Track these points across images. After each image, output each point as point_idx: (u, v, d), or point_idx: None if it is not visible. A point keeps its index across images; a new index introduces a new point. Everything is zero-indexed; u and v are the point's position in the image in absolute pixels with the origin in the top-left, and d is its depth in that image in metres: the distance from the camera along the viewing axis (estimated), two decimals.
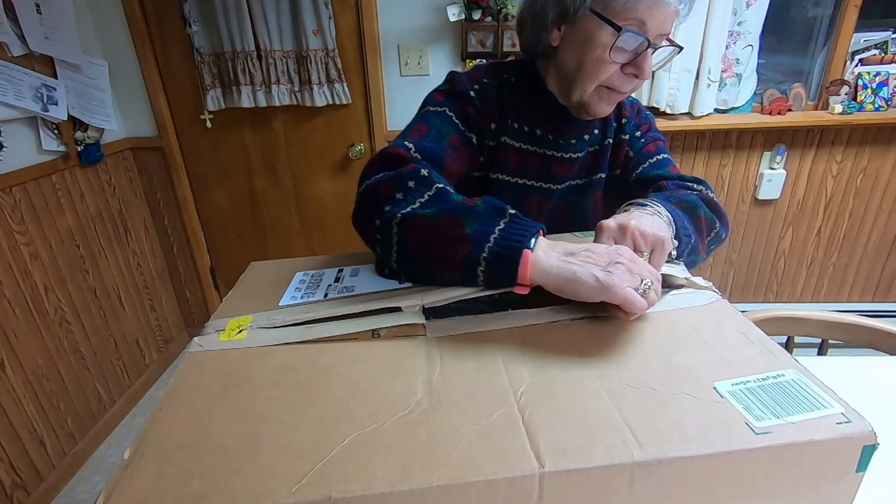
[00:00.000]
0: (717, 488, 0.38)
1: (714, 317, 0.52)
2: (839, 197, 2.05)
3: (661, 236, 0.54)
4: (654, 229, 0.55)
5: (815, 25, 1.97)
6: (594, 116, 0.76)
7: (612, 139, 0.83)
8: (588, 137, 0.82)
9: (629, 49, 0.67)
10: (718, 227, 0.72)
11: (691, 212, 0.66)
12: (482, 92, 0.76)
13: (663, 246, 0.55)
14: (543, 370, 0.45)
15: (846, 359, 0.89)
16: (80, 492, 1.71)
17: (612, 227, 0.56)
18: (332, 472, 0.36)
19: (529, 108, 0.78)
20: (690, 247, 0.63)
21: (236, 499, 0.35)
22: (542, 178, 0.81)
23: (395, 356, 0.49)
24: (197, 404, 0.44)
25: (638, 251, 0.54)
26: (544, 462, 0.36)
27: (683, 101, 1.86)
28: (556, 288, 0.50)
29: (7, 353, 1.53)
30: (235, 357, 0.50)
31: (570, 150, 0.80)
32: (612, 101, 0.74)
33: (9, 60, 1.51)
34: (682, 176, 0.78)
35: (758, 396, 0.41)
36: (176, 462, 0.38)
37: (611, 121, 0.83)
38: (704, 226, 0.68)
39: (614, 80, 0.70)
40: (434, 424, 0.40)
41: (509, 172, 0.79)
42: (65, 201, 1.75)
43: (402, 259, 0.56)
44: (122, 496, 0.36)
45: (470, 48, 1.82)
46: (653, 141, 0.84)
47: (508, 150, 0.78)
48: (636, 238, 0.54)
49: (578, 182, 0.84)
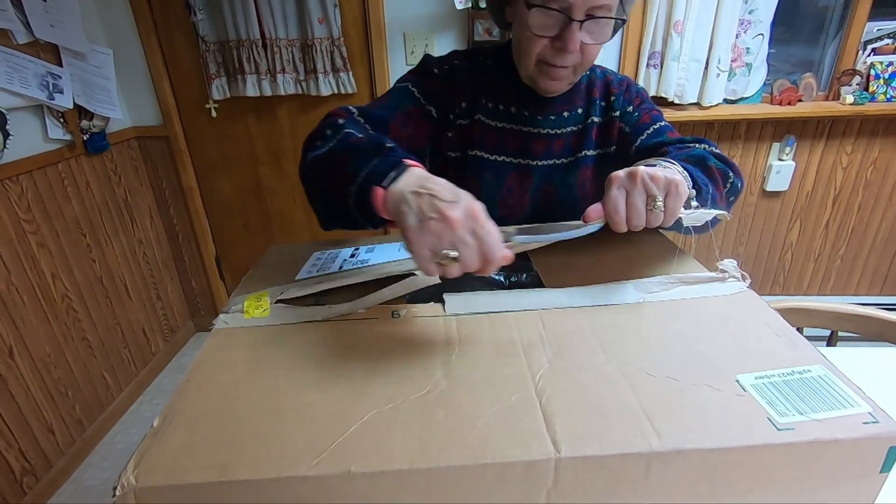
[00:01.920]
0: (735, 482, 0.37)
1: (740, 307, 0.51)
2: (848, 189, 2.03)
3: (673, 178, 0.51)
4: (665, 173, 0.51)
5: (826, 15, 1.95)
6: (545, 93, 0.78)
7: (598, 117, 0.83)
8: (568, 115, 0.83)
9: (550, 24, 0.69)
10: (732, 176, 0.70)
11: (701, 164, 0.64)
12: (451, 72, 0.80)
13: (678, 188, 0.51)
14: (562, 355, 0.45)
15: (855, 350, 0.89)
16: (88, 478, 1.73)
17: (620, 176, 0.52)
18: (352, 448, 0.37)
19: (505, 87, 0.81)
20: (710, 196, 0.61)
21: (260, 469, 0.35)
22: (521, 155, 0.83)
23: (414, 336, 0.49)
24: (222, 378, 0.45)
25: (651, 198, 0.50)
26: (561, 447, 0.36)
27: (692, 91, 1.84)
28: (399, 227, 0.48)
29: (15, 340, 1.54)
30: (259, 334, 0.51)
31: (548, 125, 0.82)
32: (555, 77, 0.75)
33: (14, 48, 1.50)
34: (681, 139, 0.77)
35: (782, 391, 0.40)
36: (202, 432, 0.39)
37: (596, 99, 0.84)
38: (718, 176, 0.66)
39: (546, 54, 0.72)
40: (452, 405, 0.40)
41: (487, 150, 0.82)
42: (71, 190, 1.75)
43: (315, 199, 0.59)
44: (151, 461, 0.37)
45: (476, 36, 1.80)
46: (647, 112, 0.83)
47: (485, 129, 0.81)
48: (646, 183, 0.50)
49: (564, 161, 0.84)
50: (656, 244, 0.69)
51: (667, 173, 0.51)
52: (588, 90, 0.84)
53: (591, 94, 0.84)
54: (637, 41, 1.84)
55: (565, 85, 0.78)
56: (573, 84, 0.80)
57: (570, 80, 0.77)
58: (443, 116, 0.80)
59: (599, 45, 0.72)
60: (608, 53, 1.87)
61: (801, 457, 0.37)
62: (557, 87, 0.77)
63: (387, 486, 0.36)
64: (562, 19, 0.67)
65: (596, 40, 0.71)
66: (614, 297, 0.53)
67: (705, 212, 0.54)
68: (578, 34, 0.68)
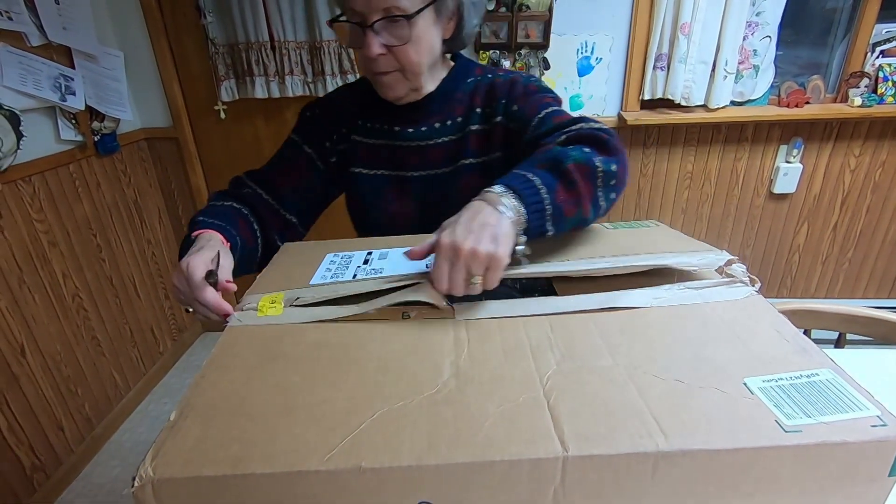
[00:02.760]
0: (742, 483, 0.37)
1: (748, 312, 0.51)
2: (857, 192, 2.02)
3: (495, 254, 0.51)
4: (487, 248, 0.51)
5: (834, 17, 1.94)
6: (392, 100, 0.80)
7: (477, 125, 0.83)
8: (441, 126, 0.84)
9: (355, 36, 0.73)
10: (600, 164, 0.63)
11: (555, 168, 0.61)
12: (329, 106, 0.89)
13: (498, 264, 0.52)
14: (570, 357, 0.46)
15: (864, 352, 0.89)
16: (97, 475, 1.75)
17: (446, 247, 0.52)
18: (362, 444, 0.37)
19: (379, 106, 0.84)
20: (551, 216, 0.59)
21: (273, 463, 0.36)
22: (396, 167, 0.86)
23: (423, 337, 0.49)
24: (236, 374, 0.46)
25: (472, 274, 0.52)
26: (568, 446, 0.36)
27: (699, 94, 1.84)
28: None
29: (27, 339, 1.56)
30: (271, 332, 0.52)
31: (421, 137, 0.84)
32: (383, 85, 0.77)
33: (28, 50, 1.52)
34: (560, 124, 0.72)
35: (789, 395, 0.40)
36: (217, 426, 0.40)
37: (476, 107, 0.83)
38: (578, 176, 0.61)
39: (365, 64, 0.75)
40: (460, 404, 0.41)
41: (365, 166, 0.87)
42: (82, 190, 1.77)
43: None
44: (167, 454, 0.38)
45: (484, 39, 1.81)
46: (534, 102, 0.79)
47: (362, 147, 0.86)
48: (468, 262, 0.51)
49: (443, 170, 0.85)
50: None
51: (492, 248, 0.51)
52: (471, 97, 0.84)
53: (473, 102, 0.83)
54: (644, 43, 1.84)
55: (403, 90, 0.79)
56: (418, 89, 0.80)
57: (408, 85, 0.78)
58: (321, 150, 0.87)
59: (410, 45, 0.72)
60: (616, 55, 1.87)
61: (808, 459, 0.37)
62: (391, 93, 0.78)
63: (396, 481, 0.36)
64: (359, 29, 0.71)
65: (399, 41, 0.72)
66: (622, 302, 0.53)
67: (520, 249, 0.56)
68: (375, 39, 0.71)
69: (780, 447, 0.36)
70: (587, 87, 1.93)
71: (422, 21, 0.72)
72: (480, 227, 0.53)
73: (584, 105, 1.95)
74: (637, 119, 1.87)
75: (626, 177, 0.67)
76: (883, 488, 0.38)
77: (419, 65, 0.76)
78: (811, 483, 0.38)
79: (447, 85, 0.84)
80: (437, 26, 0.76)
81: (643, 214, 2.13)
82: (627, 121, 1.87)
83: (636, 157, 2.03)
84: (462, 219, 0.54)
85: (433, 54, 0.78)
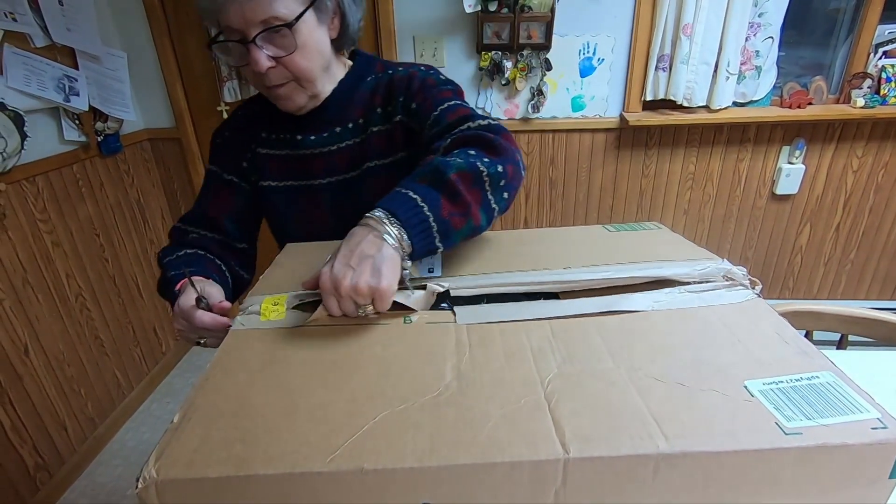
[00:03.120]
0: (742, 485, 0.37)
1: (748, 315, 0.51)
2: (859, 192, 2.02)
3: (378, 287, 0.51)
4: (367, 283, 0.51)
5: (837, 17, 1.94)
6: (293, 112, 0.79)
7: (378, 126, 0.81)
8: (342, 129, 0.82)
9: (239, 54, 0.71)
10: (484, 169, 0.61)
11: (438, 182, 0.58)
12: (232, 129, 0.88)
13: (382, 296, 0.51)
14: (571, 361, 0.46)
15: (865, 353, 0.89)
16: (99, 475, 1.75)
17: (327, 285, 0.52)
18: (365, 446, 0.38)
19: (280, 116, 0.82)
20: (439, 233, 0.57)
21: (275, 464, 0.37)
22: (304, 177, 0.84)
23: (425, 341, 0.50)
24: (239, 376, 0.46)
25: (358, 306, 0.52)
26: (569, 448, 0.36)
27: (701, 94, 1.84)
28: None
29: (30, 338, 1.57)
30: (274, 336, 0.52)
31: (323, 143, 0.82)
32: (280, 97, 0.76)
33: (32, 51, 1.53)
34: (451, 124, 0.71)
35: (790, 397, 0.40)
36: (220, 428, 0.40)
37: (375, 107, 0.81)
38: (461, 187, 0.59)
39: (256, 80, 0.74)
40: (462, 407, 0.41)
41: (274, 178, 0.86)
42: (85, 190, 1.78)
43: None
44: (171, 455, 0.38)
45: (485, 40, 1.82)
46: (430, 101, 0.77)
47: (269, 160, 0.85)
48: (352, 296, 0.51)
49: (351, 175, 0.83)
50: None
51: (372, 282, 0.51)
52: (371, 97, 0.82)
53: (373, 101, 0.81)
54: (646, 44, 1.84)
55: (301, 100, 0.77)
56: (317, 96, 0.79)
57: (305, 93, 0.77)
58: (240, 172, 0.86)
59: (298, 53, 0.70)
60: (618, 56, 1.88)
61: (808, 461, 0.37)
62: (292, 105, 0.77)
63: (398, 482, 0.36)
64: (241, 46, 0.69)
65: (286, 51, 0.70)
66: (623, 306, 0.53)
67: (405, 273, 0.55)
68: (261, 53, 0.68)
69: (781, 449, 0.36)
70: (589, 88, 1.93)
71: (304, 26, 0.70)
72: (360, 261, 0.52)
73: (586, 106, 1.96)
74: (639, 120, 1.87)
75: (520, 173, 0.65)
76: (883, 490, 0.38)
77: (311, 70, 0.74)
78: (812, 485, 0.38)
79: (346, 86, 0.82)
80: (322, 28, 0.74)
81: (645, 215, 2.13)
82: (629, 122, 1.87)
83: (638, 158, 2.03)
84: (341, 252, 0.53)
85: (324, 57, 0.76)
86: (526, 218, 2.16)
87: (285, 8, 0.67)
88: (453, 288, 0.56)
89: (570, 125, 1.98)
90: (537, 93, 1.90)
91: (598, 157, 2.04)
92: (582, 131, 1.99)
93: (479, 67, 1.89)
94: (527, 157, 2.05)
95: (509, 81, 1.88)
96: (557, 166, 2.06)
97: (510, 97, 1.95)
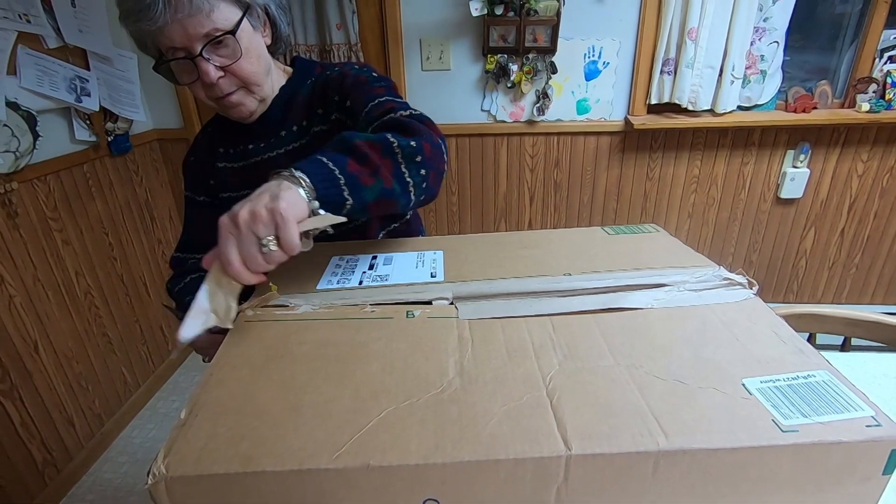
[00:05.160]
0: (740, 481, 0.38)
1: (746, 314, 0.52)
2: (864, 197, 2.02)
3: (276, 207, 0.49)
4: (265, 205, 0.49)
5: (842, 22, 1.94)
6: (244, 119, 0.82)
7: (320, 125, 0.83)
8: (287, 133, 0.84)
9: (188, 70, 0.72)
10: (395, 141, 0.62)
11: (344, 148, 0.60)
12: (196, 152, 0.91)
13: (284, 219, 0.49)
14: (572, 358, 0.47)
15: (868, 356, 0.89)
16: (105, 471, 1.77)
17: (225, 222, 0.50)
18: (370, 443, 0.38)
19: (231, 131, 0.87)
20: (347, 185, 0.57)
21: (282, 461, 0.37)
22: (258, 184, 0.84)
23: (427, 336, 0.50)
24: (244, 372, 0.47)
25: (260, 237, 0.50)
26: (571, 445, 0.37)
27: (706, 98, 1.84)
28: None
29: (40, 335, 1.59)
30: (277, 331, 0.53)
31: (271, 149, 0.85)
32: (231, 105, 0.77)
33: (45, 52, 1.56)
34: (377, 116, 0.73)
35: (786, 395, 0.41)
36: (226, 424, 0.41)
37: (315, 108, 0.84)
38: (370, 151, 0.60)
39: (208, 92, 0.75)
40: (465, 403, 0.42)
41: (233, 189, 0.87)
42: (95, 190, 1.80)
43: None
44: (179, 452, 0.39)
45: (492, 43, 1.83)
46: (362, 98, 0.78)
47: (229, 173, 0.88)
48: (250, 226, 0.49)
49: None
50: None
51: (270, 204, 0.49)
52: (310, 99, 0.84)
53: (312, 103, 0.84)
54: (651, 48, 1.85)
55: (252, 104, 0.79)
56: (265, 100, 0.81)
57: (255, 97, 0.79)
58: (212, 192, 0.89)
59: (244, 59, 0.73)
60: (623, 59, 1.88)
61: (804, 458, 0.38)
62: (244, 111, 0.79)
63: (403, 479, 0.37)
64: (190, 61, 0.70)
65: (232, 59, 0.72)
66: (623, 303, 0.54)
67: (324, 217, 0.53)
68: (209, 65, 0.71)
69: (778, 446, 0.37)
70: (594, 92, 1.94)
71: (243, 33, 0.72)
72: (258, 195, 0.51)
73: (591, 109, 1.96)
74: (644, 123, 1.87)
75: (441, 155, 0.67)
76: (877, 486, 0.39)
77: (257, 74, 0.76)
78: (808, 481, 0.39)
79: (287, 91, 0.84)
80: (257, 34, 0.76)
81: (649, 218, 2.14)
82: (634, 125, 1.88)
83: (642, 161, 2.04)
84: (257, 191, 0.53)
85: (265, 61, 0.78)
86: (530, 220, 2.17)
87: (224, 19, 0.70)
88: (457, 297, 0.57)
89: (574, 128, 1.99)
90: (542, 96, 1.91)
91: (603, 160, 2.04)
92: (587, 134, 2.00)
93: (484, 70, 1.90)
94: (531, 159, 2.06)
95: (515, 84, 1.89)
96: (562, 169, 2.07)
97: (515, 100, 1.96)
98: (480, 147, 2.04)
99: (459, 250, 0.69)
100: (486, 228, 2.14)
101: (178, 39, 0.68)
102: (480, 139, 2.03)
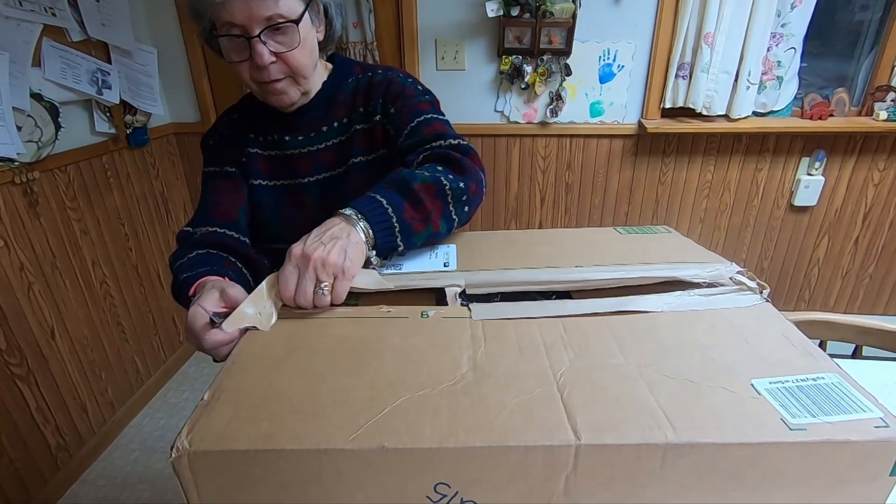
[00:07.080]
0: (747, 477, 0.39)
1: (756, 318, 0.53)
2: (880, 206, 1.99)
3: (342, 265, 0.57)
4: (336, 258, 0.57)
5: (861, 30, 1.92)
6: (282, 109, 0.82)
7: (361, 124, 0.85)
8: (328, 129, 0.86)
9: (240, 48, 0.72)
10: (447, 183, 0.68)
11: (403, 190, 0.66)
12: (219, 131, 0.90)
13: (345, 273, 0.57)
14: (582, 356, 0.48)
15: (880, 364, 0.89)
16: (116, 458, 1.81)
17: (297, 254, 0.57)
18: (385, 427, 0.40)
19: (267, 119, 0.86)
20: (400, 233, 0.64)
21: (300, 441, 0.39)
22: (290, 176, 0.88)
23: (441, 334, 0.52)
24: (265, 362, 0.49)
25: (319, 282, 0.56)
26: (581, 435, 0.38)
27: (721, 103, 1.84)
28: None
29: (57, 322, 1.62)
30: (296, 326, 0.55)
31: (309, 143, 0.86)
32: (275, 92, 0.78)
33: (69, 45, 1.59)
34: (425, 139, 0.77)
35: (795, 396, 0.41)
36: (247, 407, 0.43)
37: (357, 106, 0.86)
38: (426, 196, 0.66)
39: (255, 76, 0.76)
40: (478, 395, 0.43)
41: (264, 178, 0.89)
42: (113, 181, 1.84)
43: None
44: (202, 430, 0.40)
45: (507, 44, 1.83)
46: (408, 111, 0.82)
47: (260, 160, 0.88)
48: (317, 269, 0.56)
49: (336, 172, 0.87)
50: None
51: (338, 257, 0.57)
52: (353, 97, 0.86)
53: (355, 102, 0.86)
54: (666, 52, 1.84)
55: (295, 95, 0.80)
56: (307, 93, 0.82)
57: (299, 89, 0.79)
58: (239, 165, 0.88)
59: (299, 50, 0.74)
60: (638, 63, 1.88)
61: (812, 456, 0.38)
62: (286, 100, 0.79)
63: (416, 461, 0.39)
64: (244, 40, 0.71)
65: (288, 47, 0.73)
66: (634, 306, 0.55)
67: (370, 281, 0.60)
68: (264, 48, 0.71)
69: (785, 443, 0.38)
70: (608, 94, 1.94)
71: (304, 25, 0.74)
72: (331, 239, 0.58)
73: (604, 112, 1.96)
74: (657, 127, 1.87)
75: (482, 191, 0.73)
76: (885, 487, 0.40)
77: (307, 67, 0.78)
78: (815, 480, 0.39)
79: (329, 87, 0.86)
80: (313, 28, 0.78)
81: (660, 222, 2.13)
82: (647, 128, 1.88)
83: (655, 165, 2.03)
84: (313, 233, 0.59)
85: (316, 56, 0.80)
86: (541, 221, 2.17)
87: (288, 7, 0.71)
88: (469, 285, 0.58)
89: (587, 130, 1.99)
90: (556, 97, 1.92)
91: (615, 162, 2.04)
92: (599, 137, 2.00)
93: (499, 71, 1.91)
94: (543, 161, 2.06)
95: (529, 85, 1.89)
96: (574, 171, 2.07)
97: (529, 101, 1.96)
98: (493, 147, 2.05)
99: (472, 245, 0.70)
100: (496, 228, 2.15)
101: (240, 17, 0.69)
102: (493, 140, 2.04)
